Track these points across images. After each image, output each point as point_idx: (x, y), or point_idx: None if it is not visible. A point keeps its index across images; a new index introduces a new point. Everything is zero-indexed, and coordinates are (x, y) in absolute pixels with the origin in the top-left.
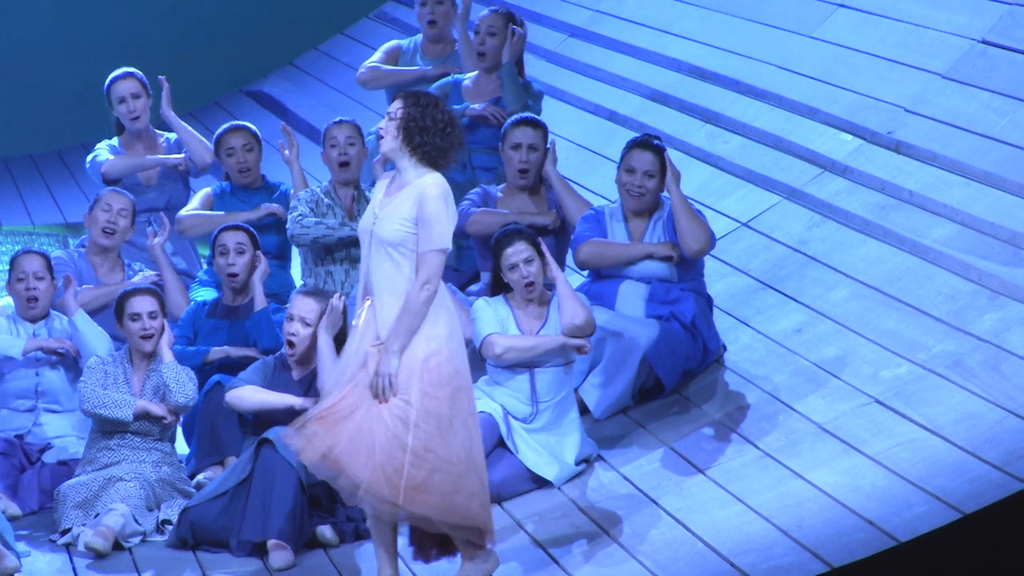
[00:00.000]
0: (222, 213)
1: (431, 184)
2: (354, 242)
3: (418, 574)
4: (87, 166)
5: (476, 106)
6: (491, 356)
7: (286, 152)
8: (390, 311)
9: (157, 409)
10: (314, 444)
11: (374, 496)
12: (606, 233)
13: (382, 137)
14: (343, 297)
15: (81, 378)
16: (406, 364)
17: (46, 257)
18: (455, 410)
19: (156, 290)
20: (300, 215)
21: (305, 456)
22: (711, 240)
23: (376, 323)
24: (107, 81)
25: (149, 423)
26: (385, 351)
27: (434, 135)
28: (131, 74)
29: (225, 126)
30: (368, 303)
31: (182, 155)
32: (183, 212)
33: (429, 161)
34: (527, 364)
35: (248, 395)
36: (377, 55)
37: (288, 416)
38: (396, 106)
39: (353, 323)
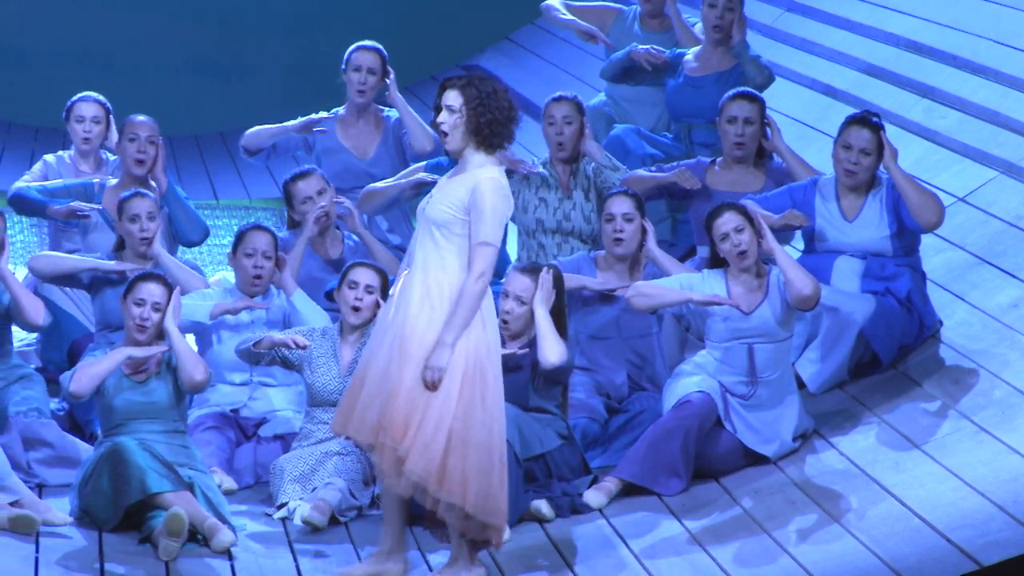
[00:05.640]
0: (383, 186)
1: (487, 178)
2: (538, 189)
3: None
4: None
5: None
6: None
7: None
8: (422, 286)
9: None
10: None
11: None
12: (807, 208)
13: (445, 134)
14: (551, 270)
15: None
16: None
17: (275, 236)
18: (490, 399)
19: (382, 270)
20: None
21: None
22: (944, 209)
23: (410, 294)
24: (350, 48)
25: None
26: (439, 344)
27: (503, 124)
28: (374, 49)
29: None
30: (406, 273)
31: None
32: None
33: (497, 148)
34: (745, 339)
35: None
36: (584, 4)
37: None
38: (455, 100)
39: (391, 292)
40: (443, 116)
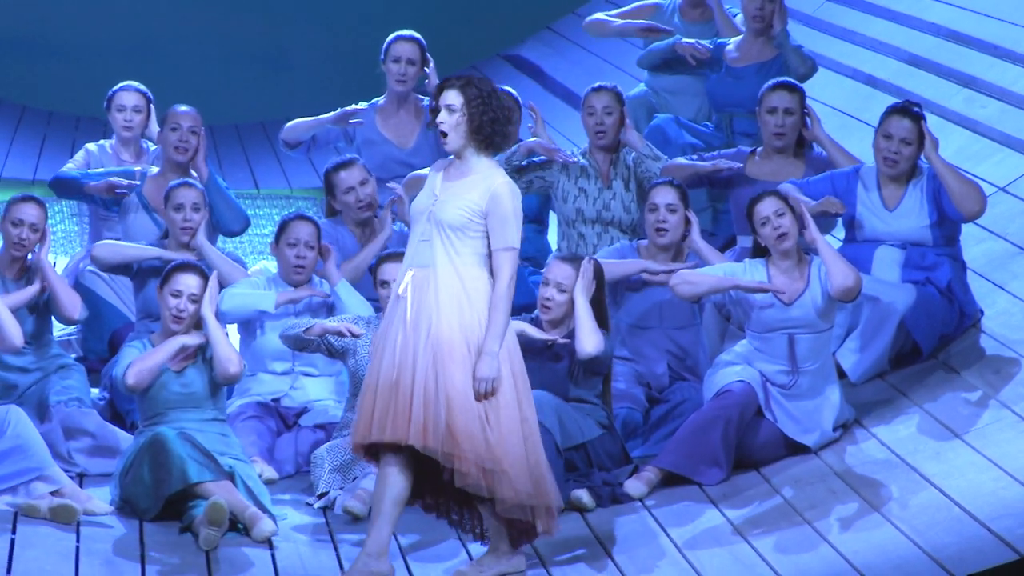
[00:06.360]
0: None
1: (503, 183)
2: (578, 179)
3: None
4: None
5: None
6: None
7: (531, 127)
8: (449, 284)
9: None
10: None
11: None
12: (849, 195)
13: (445, 134)
14: (592, 262)
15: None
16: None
17: (318, 226)
18: (527, 390)
19: None
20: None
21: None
22: (986, 198)
23: (436, 293)
24: (389, 38)
25: None
26: (486, 354)
27: (503, 124)
28: (414, 39)
29: None
30: (412, 273)
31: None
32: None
33: (496, 149)
34: (785, 329)
35: None
36: (621, 9)
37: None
38: (455, 99)
39: (399, 292)
40: (443, 116)
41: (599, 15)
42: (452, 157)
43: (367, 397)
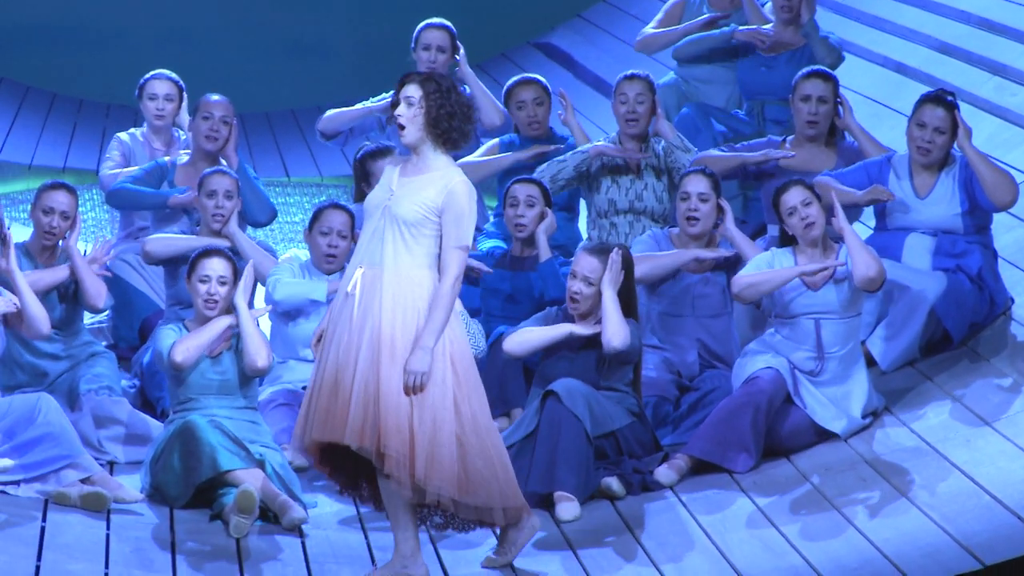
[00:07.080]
0: (486, 159)
1: (460, 181)
2: (610, 170)
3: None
4: None
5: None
6: (735, 294)
7: (561, 114)
8: (396, 284)
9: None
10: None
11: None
12: (881, 184)
13: (402, 127)
14: (621, 251)
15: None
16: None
17: (351, 215)
18: (473, 389)
19: None
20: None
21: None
22: (1018, 188)
23: (382, 293)
24: (419, 26)
25: None
26: (419, 348)
27: (461, 120)
28: (443, 26)
29: (516, 79)
30: (361, 271)
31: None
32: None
33: (452, 146)
34: (811, 315)
35: (527, 336)
36: (656, 18)
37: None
38: (414, 92)
39: (348, 290)
40: (401, 109)
41: (646, 32)
42: (407, 156)
43: (310, 396)
